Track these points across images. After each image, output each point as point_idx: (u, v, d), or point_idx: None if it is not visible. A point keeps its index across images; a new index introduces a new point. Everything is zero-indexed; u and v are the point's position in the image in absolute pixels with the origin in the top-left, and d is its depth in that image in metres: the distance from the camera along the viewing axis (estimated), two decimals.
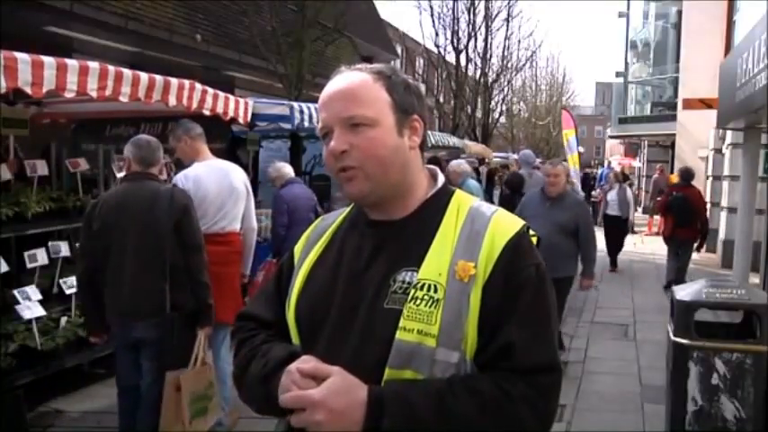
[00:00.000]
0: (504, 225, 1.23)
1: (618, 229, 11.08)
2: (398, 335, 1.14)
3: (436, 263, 1.19)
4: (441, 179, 1.34)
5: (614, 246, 11.09)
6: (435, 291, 1.16)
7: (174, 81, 4.41)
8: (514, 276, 1.18)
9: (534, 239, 1.27)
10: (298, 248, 1.40)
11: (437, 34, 21.79)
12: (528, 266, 1.20)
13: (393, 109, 1.26)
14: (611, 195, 11.18)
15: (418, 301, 1.16)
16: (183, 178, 4.00)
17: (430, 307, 1.15)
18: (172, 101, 4.41)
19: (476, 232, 1.21)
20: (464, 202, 1.29)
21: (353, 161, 1.23)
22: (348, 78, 1.27)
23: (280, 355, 1.24)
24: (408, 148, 1.28)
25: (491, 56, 23.43)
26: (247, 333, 1.36)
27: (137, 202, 3.40)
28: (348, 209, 1.40)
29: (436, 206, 1.28)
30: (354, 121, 1.22)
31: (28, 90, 3.40)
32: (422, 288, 1.17)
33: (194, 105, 4.66)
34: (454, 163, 7.70)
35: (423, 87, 1.38)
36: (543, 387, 1.16)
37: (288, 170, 6.15)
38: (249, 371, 1.28)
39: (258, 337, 1.33)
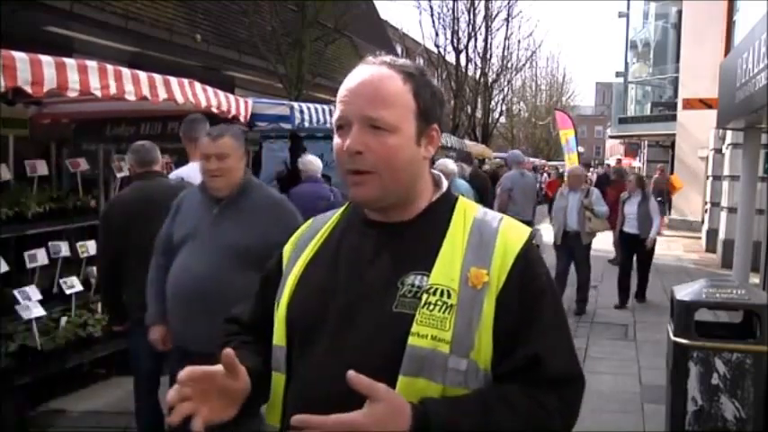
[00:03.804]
0: (513, 234, 1.22)
1: (635, 253, 8.29)
2: (411, 341, 1.11)
3: (448, 268, 1.16)
4: (444, 184, 1.31)
5: (629, 276, 8.33)
6: (449, 296, 1.14)
7: (172, 79, 4.39)
8: (529, 285, 1.18)
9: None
10: (287, 250, 1.37)
11: (437, 34, 21.91)
12: (540, 275, 1.20)
13: (416, 117, 1.21)
14: (630, 207, 8.25)
15: (431, 307, 1.13)
16: (175, 178, 4.02)
17: (443, 312, 1.12)
18: (179, 98, 4.40)
19: (486, 241, 1.19)
20: (470, 210, 1.27)
21: (367, 165, 1.18)
22: (377, 73, 1.21)
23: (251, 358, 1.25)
24: (422, 158, 1.25)
25: (491, 56, 23.55)
26: (229, 336, 1.38)
27: (162, 194, 3.45)
28: (342, 208, 1.36)
29: (440, 211, 1.25)
30: (375, 123, 1.18)
31: (28, 89, 3.37)
32: (434, 293, 1.14)
33: (203, 104, 4.65)
34: (440, 163, 6.95)
35: None
36: (571, 399, 1.17)
37: (313, 167, 6.14)
38: None
39: (238, 338, 1.36)
